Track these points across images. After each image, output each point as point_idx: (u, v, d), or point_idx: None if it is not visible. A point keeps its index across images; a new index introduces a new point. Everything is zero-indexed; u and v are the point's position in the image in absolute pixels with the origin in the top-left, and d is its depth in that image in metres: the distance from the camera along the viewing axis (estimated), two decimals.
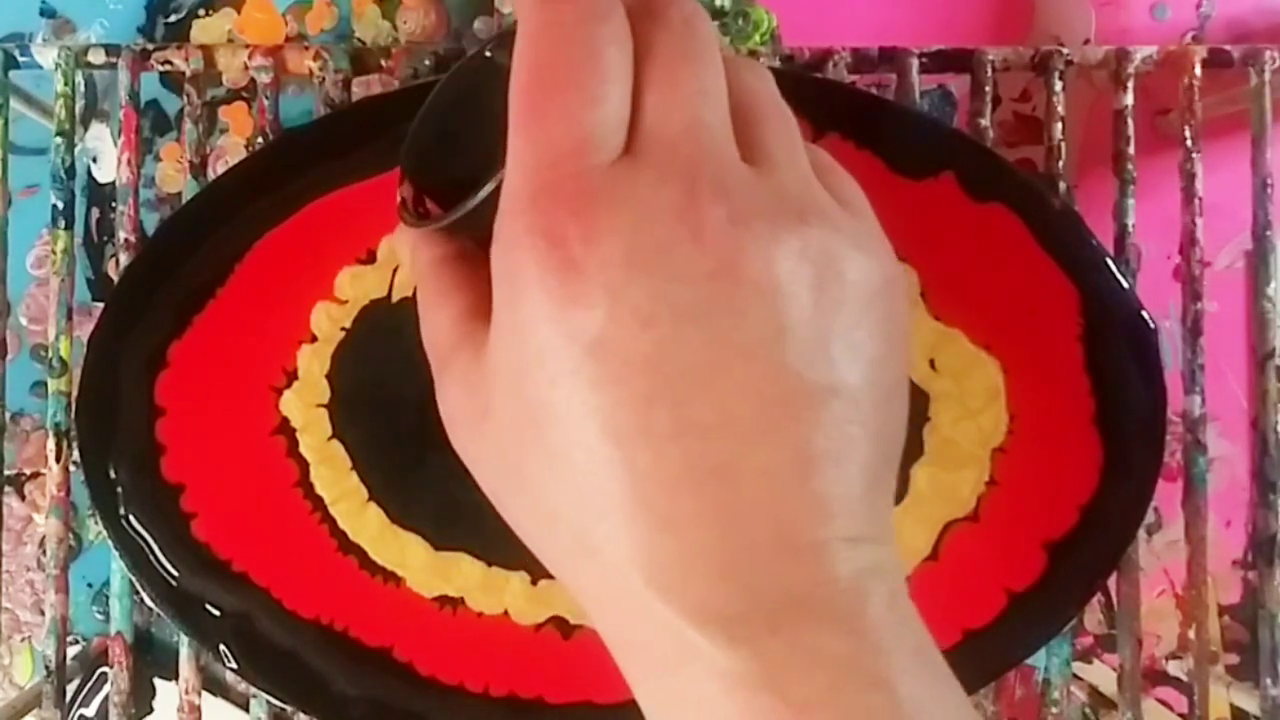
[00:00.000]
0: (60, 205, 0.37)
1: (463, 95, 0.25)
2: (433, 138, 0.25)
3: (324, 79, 0.37)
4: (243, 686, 0.45)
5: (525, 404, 0.20)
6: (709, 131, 0.20)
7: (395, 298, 0.35)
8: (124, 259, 0.36)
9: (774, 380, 0.19)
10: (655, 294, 0.19)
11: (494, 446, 0.22)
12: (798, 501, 0.19)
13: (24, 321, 0.47)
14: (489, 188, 0.21)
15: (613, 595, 0.20)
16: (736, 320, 0.19)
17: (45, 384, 0.37)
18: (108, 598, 0.37)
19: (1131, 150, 0.37)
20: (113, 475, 0.34)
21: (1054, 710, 0.35)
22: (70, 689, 0.44)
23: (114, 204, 0.38)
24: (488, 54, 0.25)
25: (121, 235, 0.37)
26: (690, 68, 0.20)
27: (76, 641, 0.46)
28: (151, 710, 0.46)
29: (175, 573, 0.34)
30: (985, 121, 0.37)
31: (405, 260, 0.25)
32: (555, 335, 0.19)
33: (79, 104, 0.38)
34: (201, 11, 0.47)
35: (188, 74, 0.37)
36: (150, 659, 0.46)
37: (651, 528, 0.19)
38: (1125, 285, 0.34)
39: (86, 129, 0.47)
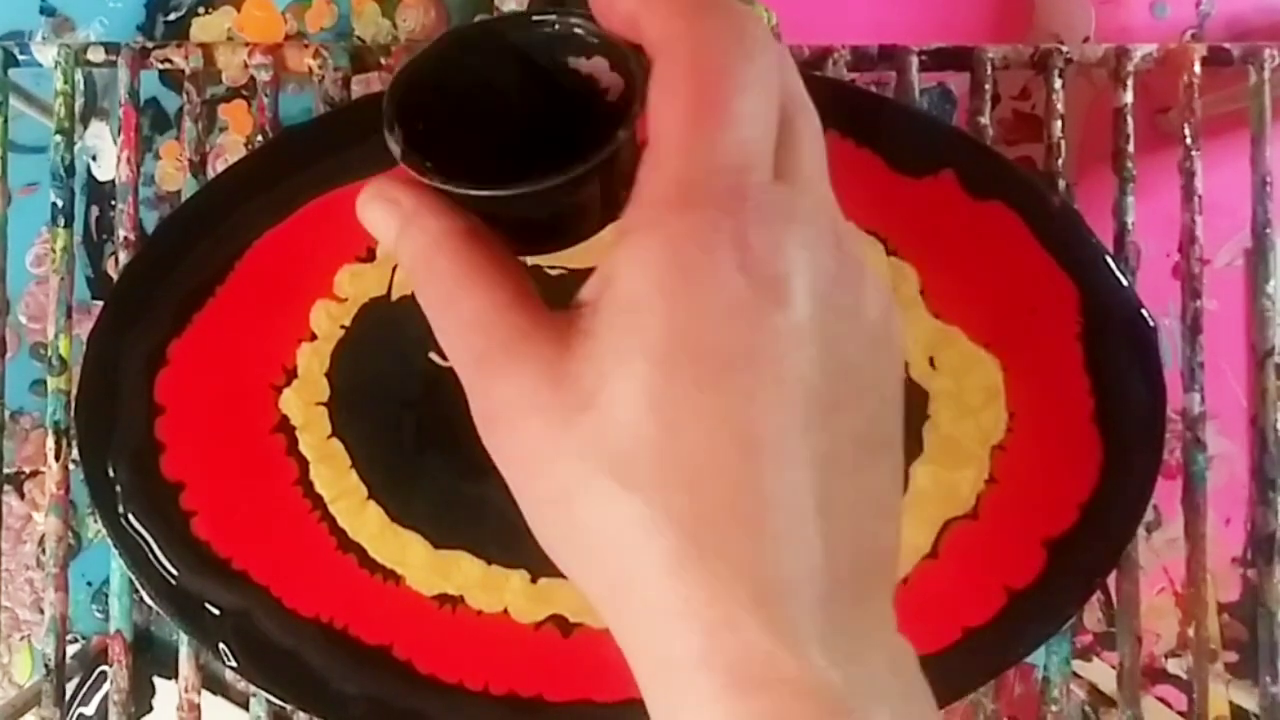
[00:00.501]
0: (60, 203, 0.37)
1: (465, 60, 0.23)
2: (424, 96, 0.23)
3: (323, 77, 0.37)
4: (242, 685, 0.45)
5: (657, 400, 0.20)
6: (827, 178, 0.22)
7: (395, 296, 0.35)
8: (123, 257, 0.36)
9: (881, 420, 0.21)
10: (810, 316, 0.20)
11: (592, 439, 0.20)
12: (874, 541, 0.21)
13: (23, 319, 0.47)
14: (565, 176, 0.20)
15: (694, 609, 0.20)
16: (870, 355, 0.21)
17: (45, 382, 0.37)
18: (107, 596, 0.37)
19: (1131, 148, 0.37)
20: (112, 473, 0.34)
21: (1053, 708, 0.35)
22: (70, 687, 0.44)
23: (113, 202, 0.38)
24: (527, 19, 0.23)
25: (121, 233, 0.36)
26: (813, 122, 0.22)
27: (76, 640, 0.46)
28: (151, 709, 0.46)
29: (175, 571, 0.34)
30: (985, 119, 0.37)
31: (387, 228, 0.23)
32: (714, 336, 0.19)
33: (79, 102, 0.38)
34: (201, 10, 0.47)
35: (187, 72, 0.37)
36: (150, 657, 0.46)
37: (765, 547, 0.19)
38: (1125, 283, 0.34)
39: (86, 127, 0.47)
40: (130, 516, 0.34)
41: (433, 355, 0.35)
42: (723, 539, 0.19)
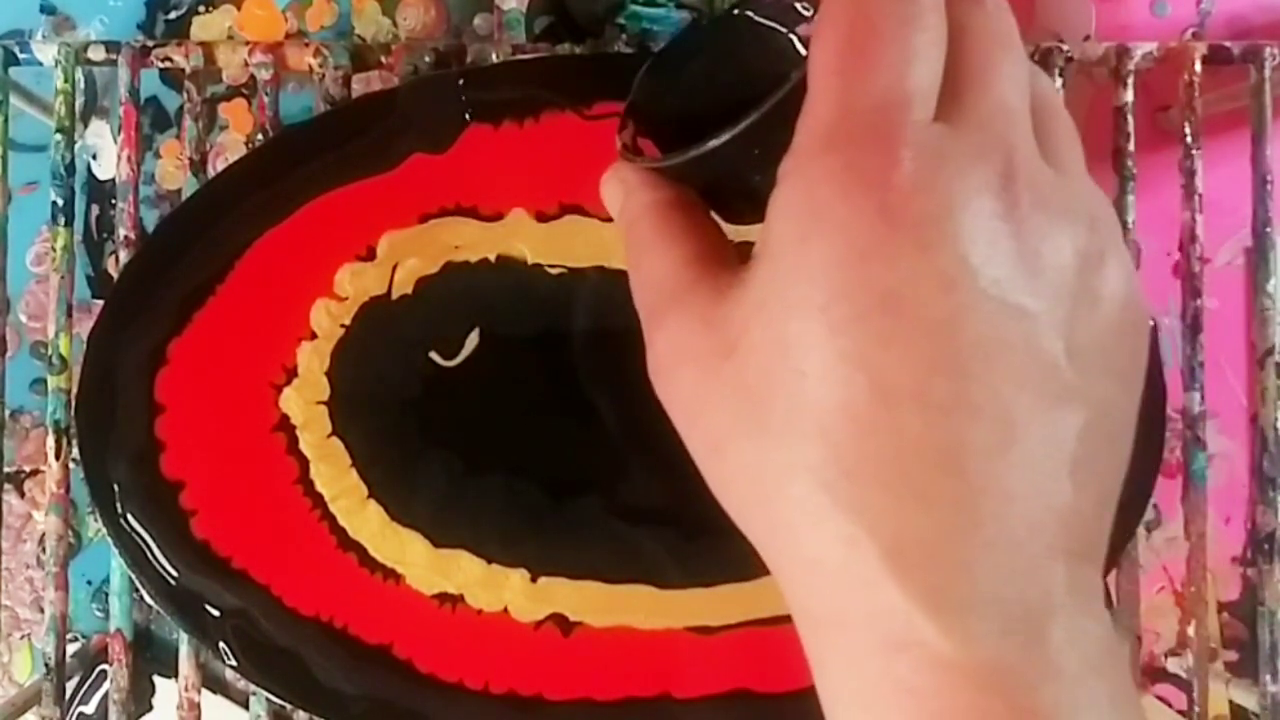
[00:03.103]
0: (60, 202, 0.37)
1: (700, 48, 0.25)
2: (660, 86, 0.25)
3: (324, 75, 0.37)
4: (242, 684, 0.45)
5: (790, 346, 0.19)
6: (1020, 118, 0.20)
7: (395, 295, 0.35)
8: (124, 256, 0.36)
9: (1048, 375, 0.19)
10: (962, 260, 0.18)
11: (733, 385, 0.20)
12: (1046, 504, 0.19)
13: (24, 319, 0.47)
14: (736, 129, 0.21)
15: (833, 564, 0.19)
16: (1028, 307, 0.19)
17: (45, 381, 0.37)
18: (107, 595, 0.37)
19: (1131, 147, 0.37)
20: (112, 472, 0.34)
21: None
22: (70, 686, 0.44)
23: (114, 201, 0.38)
24: (736, 11, 0.24)
25: (121, 232, 0.36)
26: (1003, 52, 0.20)
27: (76, 639, 0.46)
28: (151, 708, 0.46)
29: (175, 570, 0.34)
30: None
31: (615, 203, 0.24)
32: (848, 281, 0.19)
33: (79, 101, 0.38)
34: (201, 8, 0.47)
35: (188, 71, 0.37)
36: (150, 656, 0.46)
37: (904, 500, 0.18)
38: None
39: (86, 126, 0.47)
40: (130, 515, 0.34)
41: (433, 355, 0.35)
42: (858, 489, 0.19)
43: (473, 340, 0.35)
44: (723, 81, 0.24)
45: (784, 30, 0.24)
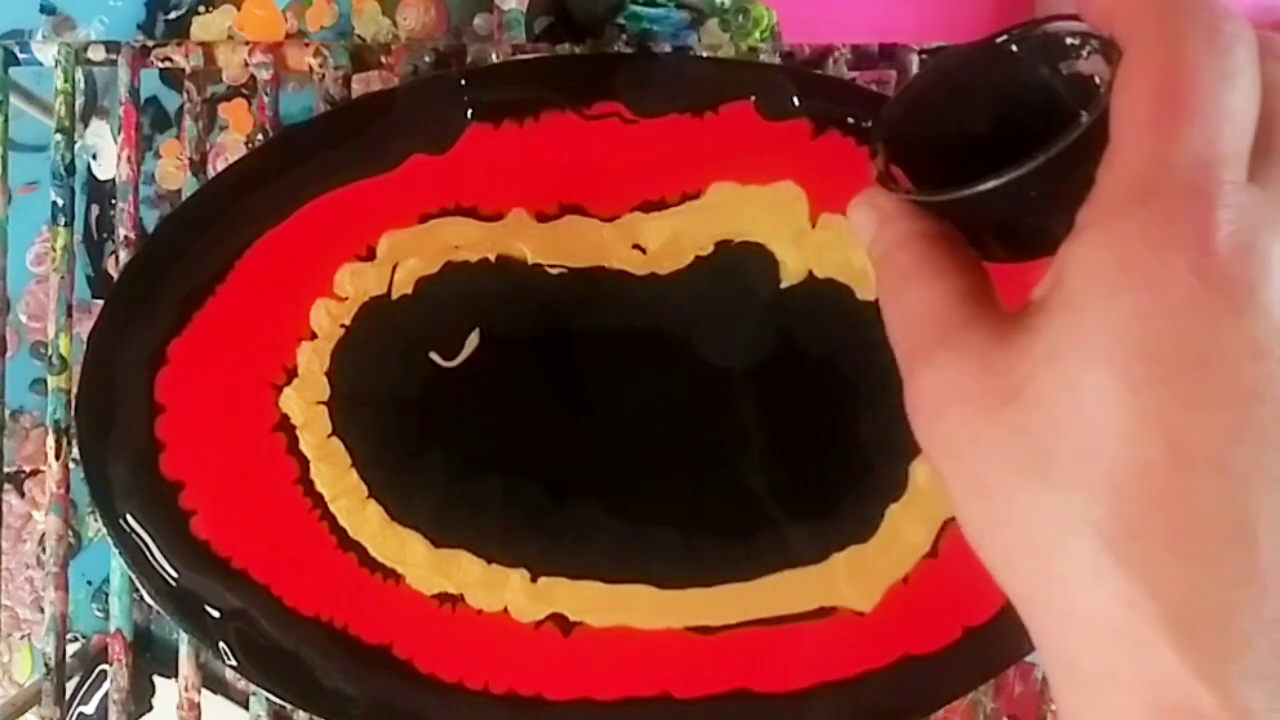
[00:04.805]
0: (60, 202, 0.37)
1: (958, 78, 0.25)
2: (910, 114, 0.25)
3: (324, 76, 0.37)
4: (242, 684, 0.45)
5: (1085, 399, 0.19)
6: None
7: (395, 295, 0.35)
8: (124, 256, 0.36)
9: None
10: (1275, 328, 0.18)
11: (1014, 432, 0.20)
12: None
13: (23, 319, 0.47)
14: (1020, 171, 0.20)
15: (1109, 623, 0.19)
16: None
17: (45, 381, 0.37)
18: (107, 595, 0.37)
19: None
20: (112, 472, 0.34)
21: (1053, 707, 0.35)
22: (70, 686, 0.44)
23: (114, 201, 0.38)
24: (1002, 43, 0.24)
25: (121, 232, 0.36)
26: None
27: (76, 639, 0.46)
28: (151, 708, 0.46)
29: (174, 570, 0.34)
30: None
31: (868, 230, 0.24)
32: (1157, 339, 0.18)
33: (79, 101, 0.38)
34: (201, 8, 0.47)
35: (188, 71, 0.37)
36: (150, 656, 0.46)
37: (1191, 567, 0.18)
38: None
39: (86, 126, 0.47)
40: (130, 515, 0.34)
41: (433, 355, 0.35)
42: (1144, 550, 0.18)
43: (473, 340, 0.35)
44: (982, 116, 0.24)
45: (1049, 66, 0.24)
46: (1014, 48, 0.24)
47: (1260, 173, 0.19)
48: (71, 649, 0.44)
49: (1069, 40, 0.23)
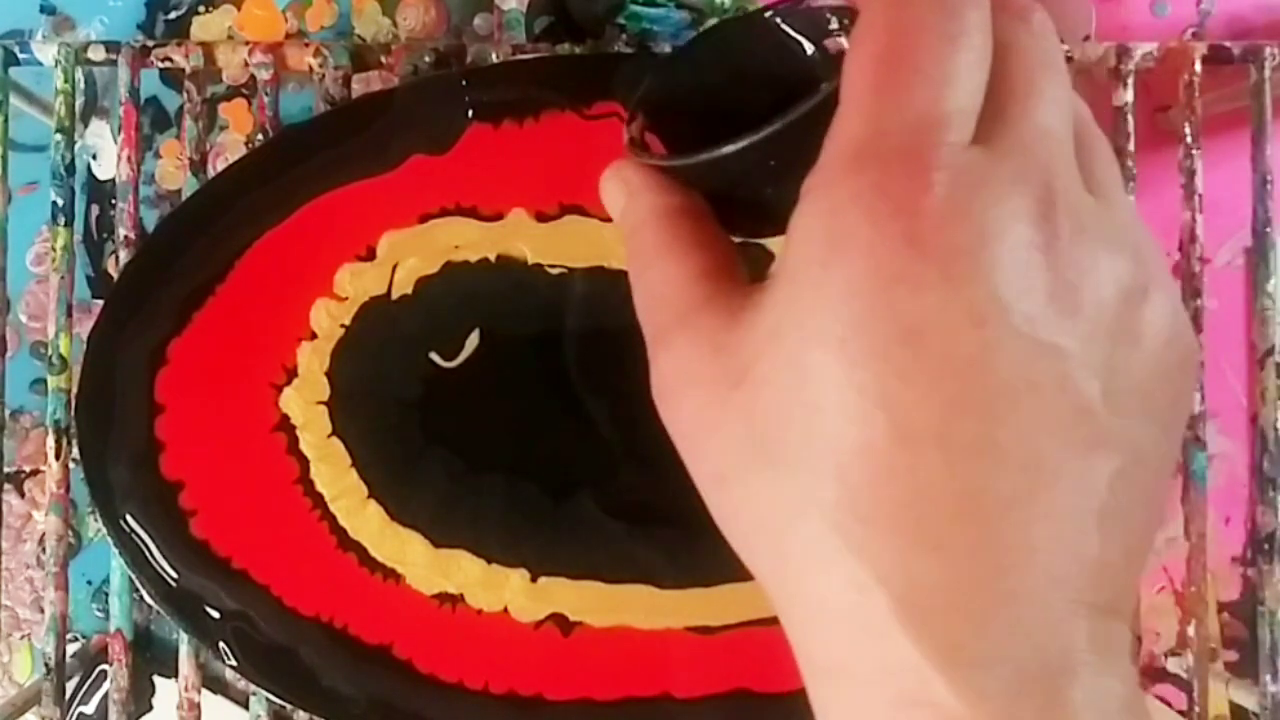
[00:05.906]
0: (60, 202, 0.37)
1: (721, 47, 0.24)
2: (675, 82, 0.24)
3: (324, 76, 0.37)
4: (242, 684, 0.45)
5: (806, 379, 0.18)
6: (1061, 143, 0.19)
7: (395, 295, 0.35)
8: (124, 256, 0.36)
9: (1080, 419, 0.17)
10: (993, 294, 0.17)
11: (743, 416, 0.19)
12: (1071, 555, 0.17)
13: (24, 319, 0.47)
14: (756, 137, 0.20)
15: (841, 610, 0.18)
16: (1062, 346, 0.17)
17: (45, 381, 0.37)
18: (107, 595, 0.37)
19: (1131, 147, 0.37)
20: (112, 472, 0.34)
21: None
22: (70, 686, 0.44)
23: (114, 201, 0.38)
24: (766, 15, 0.23)
25: (121, 232, 0.36)
26: (1047, 74, 0.19)
27: (76, 639, 0.46)
28: (151, 708, 0.46)
29: (174, 570, 0.34)
30: None
31: (617, 204, 0.23)
32: (871, 312, 0.17)
33: (79, 101, 0.38)
34: (201, 8, 0.47)
35: (188, 71, 0.37)
36: (150, 656, 0.46)
37: (919, 548, 0.17)
38: None
39: (86, 126, 0.47)
40: (130, 515, 0.34)
41: (433, 355, 0.35)
42: (871, 533, 0.17)
43: (473, 340, 0.35)
44: (742, 86, 0.23)
45: (813, 41, 0.23)
46: (779, 20, 0.23)
47: (988, 134, 0.18)
48: (71, 649, 0.44)
49: (829, 15, 0.22)
